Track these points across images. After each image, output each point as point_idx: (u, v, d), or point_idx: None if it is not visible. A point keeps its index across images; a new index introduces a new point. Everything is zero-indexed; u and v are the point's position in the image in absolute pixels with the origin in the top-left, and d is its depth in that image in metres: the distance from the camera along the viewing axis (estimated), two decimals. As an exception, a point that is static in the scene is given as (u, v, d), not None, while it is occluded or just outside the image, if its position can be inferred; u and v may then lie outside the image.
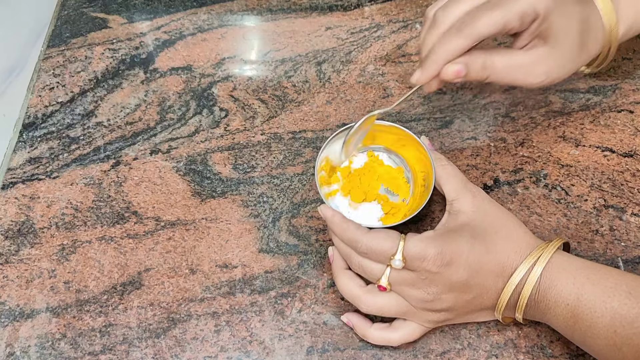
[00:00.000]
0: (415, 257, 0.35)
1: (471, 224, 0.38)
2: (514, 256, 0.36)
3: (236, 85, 0.54)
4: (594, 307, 0.34)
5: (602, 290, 0.34)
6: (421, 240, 0.36)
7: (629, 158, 0.47)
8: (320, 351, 0.40)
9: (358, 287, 0.38)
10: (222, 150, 0.50)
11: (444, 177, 0.40)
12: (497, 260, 0.36)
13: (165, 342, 0.41)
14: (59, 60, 0.57)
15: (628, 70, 0.53)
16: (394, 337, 0.38)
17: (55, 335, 0.41)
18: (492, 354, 0.39)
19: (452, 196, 0.39)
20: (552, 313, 0.35)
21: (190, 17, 0.60)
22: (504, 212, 0.39)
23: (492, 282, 0.36)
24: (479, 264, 0.36)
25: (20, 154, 0.51)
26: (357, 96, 0.53)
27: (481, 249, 0.36)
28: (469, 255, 0.36)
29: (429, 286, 0.36)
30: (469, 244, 0.36)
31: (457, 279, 0.35)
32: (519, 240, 0.37)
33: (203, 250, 0.45)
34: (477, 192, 0.39)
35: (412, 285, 0.36)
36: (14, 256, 0.45)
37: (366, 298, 0.38)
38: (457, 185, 0.39)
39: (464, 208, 0.38)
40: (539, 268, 0.35)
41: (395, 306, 0.37)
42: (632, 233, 0.44)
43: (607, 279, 0.34)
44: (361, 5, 0.60)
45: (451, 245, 0.36)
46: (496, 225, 0.38)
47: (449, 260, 0.35)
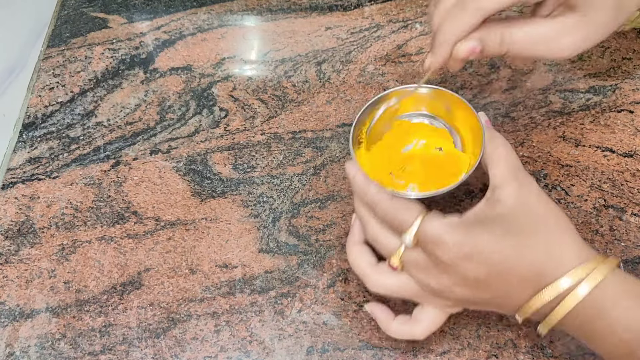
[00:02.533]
0: (430, 240, 0.31)
1: (508, 217, 0.32)
2: (552, 263, 0.31)
3: (236, 85, 0.54)
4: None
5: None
6: (441, 225, 0.32)
7: (629, 158, 0.47)
8: (320, 351, 0.40)
9: (368, 264, 0.36)
10: (222, 150, 0.50)
11: (493, 159, 0.35)
12: (529, 264, 0.31)
13: (165, 342, 0.41)
14: (59, 60, 0.57)
15: (628, 70, 0.53)
16: (417, 331, 0.35)
17: (55, 335, 0.41)
18: (492, 354, 0.39)
19: (495, 182, 0.34)
20: (598, 340, 0.31)
21: (190, 17, 0.60)
22: (554, 211, 0.33)
23: (517, 286, 0.31)
24: (505, 265, 0.31)
25: (20, 154, 0.51)
26: (357, 96, 0.53)
27: (511, 248, 0.31)
28: (493, 253, 0.31)
29: (440, 276, 0.32)
30: (496, 241, 0.31)
31: (474, 276, 0.31)
32: (565, 246, 0.32)
33: (203, 250, 0.45)
34: (526, 183, 0.33)
35: (424, 270, 0.33)
36: (14, 256, 0.45)
37: (375, 277, 0.35)
38: (506, 171, 0.34)
39: (505, 198, 0.33)
40: (589, 284, 0.30)
41: (404, 289, 0.34)
42: (632, 233, 0.44)
43: None
44: (361, 5, 0.60)
45: (475, 237, 0.31)
46: (539, 225, 0.32)
47: (467, 254, 0.31)
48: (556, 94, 0.52)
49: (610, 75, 0.53)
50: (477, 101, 0.52)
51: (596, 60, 0.54)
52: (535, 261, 0.31)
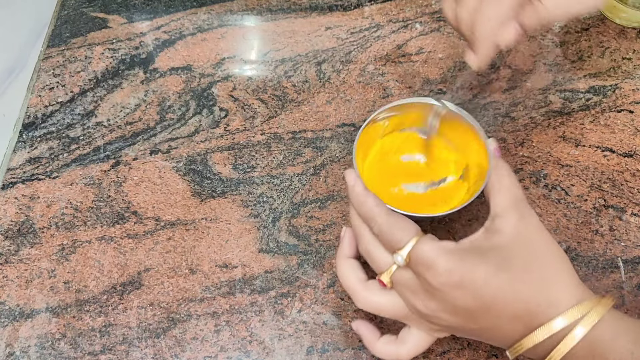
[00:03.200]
0: (422, 262, 0.31)
1: (505, 250, 0.31)
2: (548, 303, 0.30)
3: (236, 85, 0.54)
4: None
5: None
6: (435, 248, 0.31)
7: (629, 158, 0.47)
8: (320, 351, 0.40)
9: (357, 280, 0.35)
10: (222, 150, 0.50)
11: (495, 188, 0.34)
12: (522, 301, 0.30)
13: (165, 342, 0.41)
14: (58, 60, 0.57)
15: (628, 70, 0.53)
16: (402, 352, 0.35)
17: (55, 335, 0.41)
18: (492, 354, 0.39)
19: (496, 211, 0.33)
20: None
21: (190, 17, 0.60)
22: (552, 247, 0.32)
23: (507, 324, 0.31)
24: (496, 300, 0.30)
25: (20, 154, 0.51)
26: (357, 96, 0.53)
27: (502, 282, 0.30)
28: (484, 285, 0.30)
29: (428, 300, 0.32)
30: (490, 273, 0.30)
31: (462, 305, 0.30)
32: (560, 285, 0.31)
33: (203, 250, 0.45)
34: (527, 215, 0.33)
35: (413, 292, 0.32)
36: (14, 256, 0.45)
37: (363, 294, 0.34)
38: (508, 201, 0.33)
39: (504, 229, 0.32)
40: (584, 327, 0.29)
41: (392, 308, 0.34)
42: (632, 233, 0.44)
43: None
44: (361, 5, 0.60)
45: (467, 266, 0.30)
46: (536, 261, 0.31)
47: (458, 282, 0.30)
48: (556, 94, 0.52)
49: (610, 75, 0.53)
50: (477, 101, 0.52)
51: (596, 60, 0.54)
52: (528, 299, 0.30)
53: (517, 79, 0.53)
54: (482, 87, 0.53)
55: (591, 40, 0.55)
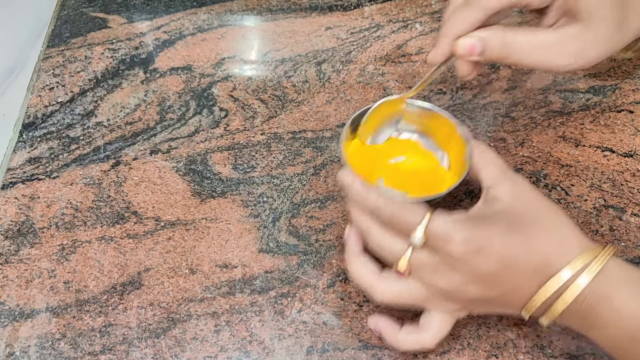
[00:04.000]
0: (439, 237, 0.31)
1: (509, 212, 0.33)
2: (557, 254, 0.31)
3: (236, 85, 0.54)
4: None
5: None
6: (449, 220, 0.31)
7: (629, 158, 0.47)
8: (320, 351, 0.40)
9: (372, 273, 0.34)
10: (222, 150, 0.50)
11: (480, 164, 0.36)
12: (535, 255, 0.31)
13: (165, 342, 0.41)
14: (58, 60, 0.57)
15: (628, 70, 0.53)
16: (427, 339, 0.34)
17: (55, 335, 0.41)
18: (492, 354, 0.39)
19: (488, 183, 0.35)
20: (602, 329, 0.31)
21: (190, 17, 0.60)
22: (549, 204, 0.34)
23: (526, 280, 0.31)
24: (513, 257, 0.31)
25: (20, 154, 0.51)
26: (357, 96, 0.53)
27: (517, 241, 0.31)
28: (502, 246, 0.31)
29: (452, 274, 0.32)
30: (503, 234, 0.31)
31: (485, 271, 0.31)
32: (565, 237, 0.32)
33: (203, 250, 0.45)
34: (518, 181, 0.34)
35: (434, 270, 0.32)
36: (14, 256, 0.45)
37: (382, 286, 0.34)
38: (496, 173, 0.35)
39: (501, 196, 0.33)
40: (590, 274, 0.30)
41: (412, 295, 0.34)
42: (632, 233, 0.44)
43: None
44: (361, 5, 0.60)
45: (483, 231, 0.31)
46: (538, 217, 0.33)
47: (478, 248, 0.31)
48: (556, 94, 0.52)
49: (610, 75, 0.53)
50: (477, 101, 0.52)
51: (596, 60, 0.54)
52: (541, 253, 0.31)
53: (517, 79, 0.53)
54: (482, 87, 0.53)
55: (591, 40, 0.55)
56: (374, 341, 0.40)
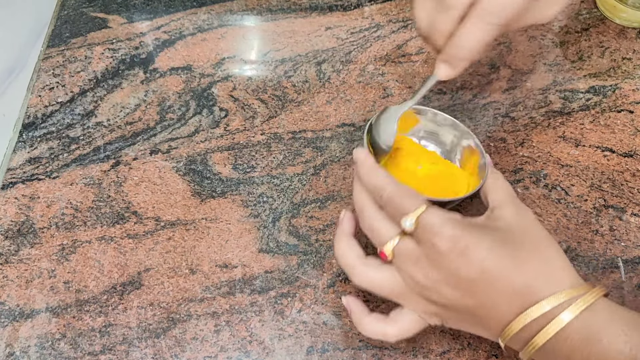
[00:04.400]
0: (428, 227, 0.31)
1: (507, 231, 0.33)
2: (544, 283, 0.30)
3: (236, 85, 0.54)
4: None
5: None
6: (444, 216, 0.32)
7: (629, 158, 0.47)
8: (320, 351, 0.40)
9: (356, 256, 0.35)
10: (222, 150, 0.50)
11: (491, 187, 0.37)
12: (521, 278, 0.31)
13: (165, 342, 0.41)
14: (58, 60, 0.57)
15: (628, 70, 0.53)
16: (391, 331, 0.34)
17: (55, 335, 0.41)
18: (492, 354, 0.39)
19: (495, 204, 0.35)
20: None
21: (190, 17, 0.60)
22: (548, 235, 0.33)
23: (505, 300, 0.31)
24: (497, 272, 0.31)
25: (20, 154, 0.51)
26: (357, 96, 0.53)
27: (506, 258, 0.31)
28: (488, 256, 0.31)
29: (431, 269, 0.32)
30: (494, 246, 0.31)
31: (464, 275, 0.31)
32: (557, 269, 0.32)
33: (203, 250, 0.45)
34: (523, 208, 0.35)
35: (415, 261, 0.32)
36: (14, 256, 0.45)
37: (360, 269, 0.34)
38: (504, 197, 0.35)
39: (504, 216, 0.34)
40: (574, 310, 0.29)
41: (388, 284, 0.34)
42: (632, 233, 0.44)
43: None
44: (361, 5, 0.60)
45: (474, 236, 0.31)
46: (535, 244, 0.32)
47: (463, 249, 0.31)
48: (556, 94, 0.52)
49: (610, 75, 0.53)
50: (477, 101, 0.52)
51: (596, 60, 0.54)
52: (528, 276, 0.31)
53: (517, 79, 0.53)
54: (482, 87, 0.53)
55: (591, 40, 0.55)
56: (374, 341, 0.40)
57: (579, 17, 0.57)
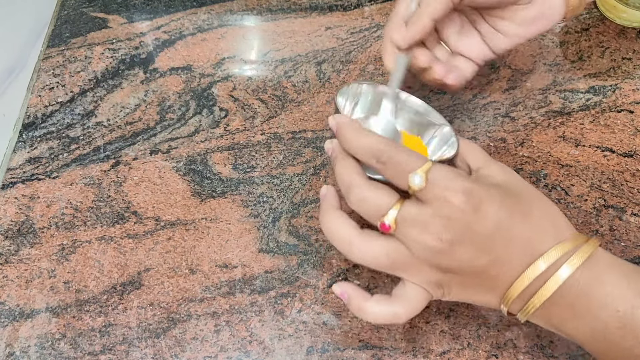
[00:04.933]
0: (439, 181, 0.29)
1: (504, 186, 0.31)
2: (546, 234, 0.30)
3: (236, 85, 0.54)
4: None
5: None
6: (452, 170, 0.30)
7: (629, 158, 0.47)
8: (320, 351, 0.40)
9: (352, 229, 0.31)
10: (222, 150, 0.50)
11: (467, 149, 0.35)
12: (530, 230, 0.29)
13: (165, 342, 0.41)
14: (58, 60, 0.57)
15: (628, 70, 0.53)
16: (400, 311, 0.31)
17: (55, 335, 0.41)
18: (492, 354, 0.39)
19: (478, 164, 0.34)
20: (591, 318, 0.29)
21: (190, 17, 0.60)
22: (538, 191, 0.33)
23: (517, 254, 0.29)
24: (511, 226, 0.29)
25: (20, 154, 0.51)
26: (357, 96, 0.53)
27: (515, 210, 0.30)
28: (501, 209, 0.29)
29: (443, 229, 0.29)
30: (504, 199, 0.30)
31: (481, 230, 0.29)
32: (556, 218, 0.31)
33: (203, 250, 0.45)
34: (505, 166, 0.34)
35: (423, 226, 0.29)
36: (14, 256, 0.45)
37: (359, 242, 0.31)
38: (484, 157, 0.34)
39: (494, 173, 0.32)
40: (580, 258, 0.29)
41: (394, 255, 0.30)
42: (632, 233, 0.44)
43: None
44: (361, 5, 0.60)
45: (483, 190, 0.29)
46: (531, 198, 0.31)
47: (477, 203, 0.29)
48: (556, 94, 0.52)
49: (610, 75, 0.53)
50: (477, 101, 0.52)
51: (596, 60, 0.54)
52: (534, 227, 0.30)
53: (517, 79, 0.53)
54: (482, 87, 0.53)
55: (591, 40, 0.55)
56: (374, 341, 0.40)
57: (579, 17, 0.57)
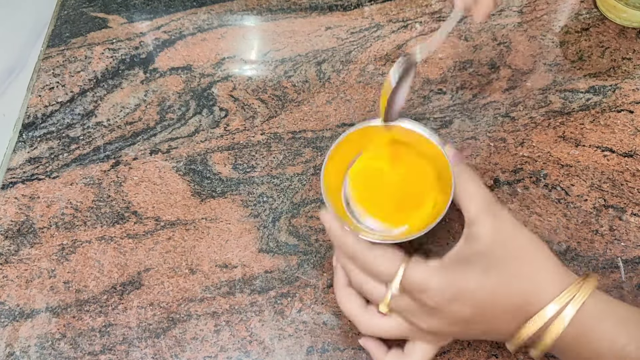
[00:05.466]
0: (415, 288, 0.32)
1: (488, 253, 0.33)
2: (539, 292, 0.31)
3: (236, 85, 0.54)
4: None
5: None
6: (425, 270, 0.32)
7: (629, 158, 0.47)
8: (320, 351, 0.40)
9: (357, 306, 0.36)
10: (222, 150, 0.50)
11: (463, 196, 0.35)
12: (515, 296, 0.31)
13: (165, 342, 0.41)
14: (58, 60, 0.57)
15: (628, 70, 0.53)
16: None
17: (55, 335, 0.41)
18: (492, 354, 0.39)
19: (470, 218, 0.34)
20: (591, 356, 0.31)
21: (190, 17, 0.60)
22: (532, 239, 0.33)
23: (505, 321, 0.32)
24: (493, 299, 0.31)
25: (20, 154, 0.51)
26: (357, 96, 0.53)
27: (497, 282, 0.31)
28: (477, 291, 0.31)
29: (430, 319, 0.33)
30: (479, 279, 0.31)
31: (460, 316, 0.32)
32: (547, 274, 0.32)
33: (203, 250, 0.45)
34: (501, 215, 0.34)
35: (413, 314, 0.33)
36: (14, 256, 0.45)
37: (365, 319, 0.35)
38: (478, 207, 0.34)
39: (481, 234, 0.33)
40: (572, 309, 0.30)
41: (395, 330, 0.35)
42: (632, 233, 0.44)
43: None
44: (361, 5, 0.60)
45: (457, 279, 0.32)
46: (519, 256, 0.32)
47: (452, 296, 0.31)
48: (556, 94, 0.52)
49: (610, 75, 0.52)
50: (477, 101, 0.52)
51: (596, 60, 0.54)
52: (521, 291, 0.31)
53: (517, 79, 0.53)
54: (482, 87, 0.53)
55: (591, 40, 0.55)
56: (374, 341, 0.40)
57: (579, 17, 0.57)
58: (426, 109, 0.51)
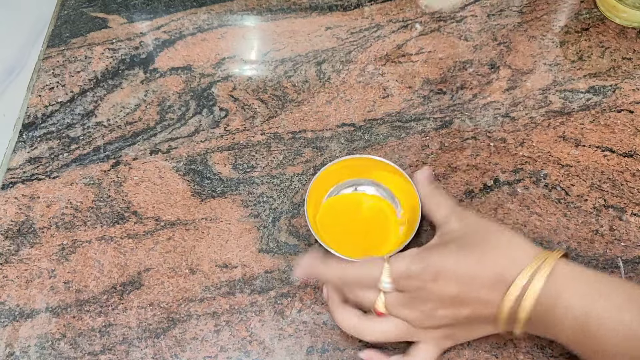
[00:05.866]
0: (401, 276, 0.35)
1: (460, 237, 0.36)
2: (510, 266, 0.33)
3: (236, 85, 0.54)
4: (606, 322, 0.31)
5: (614, 304, 0.31)
6: (404, 259, 0.35)
7: (629, 158, 0.47)
8: (320, 351, 0.40)
9: (357, 317, 0.37)
10: (222, 150, 0.50)
11: (431, 208, 0.41)
12: (490, 270, 0.34)
13: (165, 342, 0.41)
14: (58, 60, 0.57)
15: (628, 70, 0.53)
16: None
17: (55, 335, 0.41)
18: (492, 354, 0.39)
19: (440, 222, 0.39)
20: (559, 327, 0.33)
21: (190, 17, 0.60)
22: (496, 224, 0.37)
23: (486, 294, 0.34)
24: (470, 276, 0.34)
25: (20, 154, 0.51)
26: (357, 96, 0.53)
27: (470, 259, 0.34)
28: (456, 267, 0.34)
29: (422, 304, 0.35)
30: (455, 256, 0.34)
31: (448, 294, 0.34)
32: (515, 248, 0.34)
33: (203, 250, 0.45)
34: (467, 214, 0.39)
35: (406, 305, 0.36)
36: (14, 256, 0.45)
37: (367, 326, 0.37)
38: (447, 210, 0.39)
39: (452, 228, 0.38)
40: (540, 279, 0.32)
41: (396, 329, 0.37)
42: (632, 233, 0.44)
43: (618, 292, 0.32)
44: (361, 5, 0.60)
45: (436, 258, 0.35)
46: (488, 235, 0.36)
47: (435, 275, 0.34)
48: (556, 94, 0.52)
49: (610, 75, 0.53)
50: (477, 101, 0.52)
51: (596, 60, 0.54)
52: (496, 264, 0.34)
53: (517, 79, 0.53)
54: (482, 87, 0.53)
55: (591, 40, 0.55)
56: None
57: (579, 17, 0.57)
58: (426, 109, 0.51)
